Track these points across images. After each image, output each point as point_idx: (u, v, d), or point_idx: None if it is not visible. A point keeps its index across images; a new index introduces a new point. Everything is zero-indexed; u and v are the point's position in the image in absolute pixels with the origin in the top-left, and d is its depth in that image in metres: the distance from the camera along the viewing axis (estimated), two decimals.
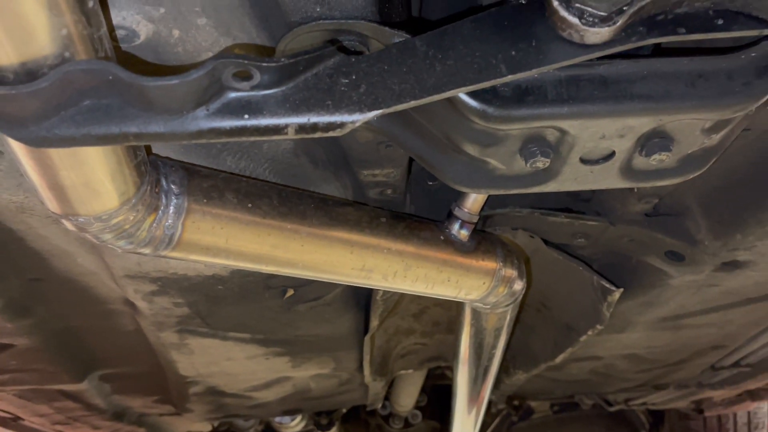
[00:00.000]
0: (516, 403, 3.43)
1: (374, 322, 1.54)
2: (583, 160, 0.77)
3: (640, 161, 0.80)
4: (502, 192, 0.84)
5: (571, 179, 0.81)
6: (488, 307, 1.33)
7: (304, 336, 1.68)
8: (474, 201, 1.16)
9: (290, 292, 1.32)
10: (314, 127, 0.64)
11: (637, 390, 2.84)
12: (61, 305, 1.38)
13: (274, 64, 0.63)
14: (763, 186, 1.11)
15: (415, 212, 1.29)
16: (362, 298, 1.55)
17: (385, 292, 1.47)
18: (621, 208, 1.30)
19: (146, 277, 1.15)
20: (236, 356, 1.79)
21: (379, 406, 3.40)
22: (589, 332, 1.70)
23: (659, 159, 0.77)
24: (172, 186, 0.83)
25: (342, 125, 0.64)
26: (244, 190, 0.90)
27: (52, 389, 1.93)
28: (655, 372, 2.42)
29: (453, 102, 0.71)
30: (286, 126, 0.64)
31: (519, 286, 1.28)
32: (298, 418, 3.33)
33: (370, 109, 0.63)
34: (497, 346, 1.63)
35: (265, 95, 0.64)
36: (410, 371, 3.13)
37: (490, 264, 1.20)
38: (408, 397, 3.48)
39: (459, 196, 1.17)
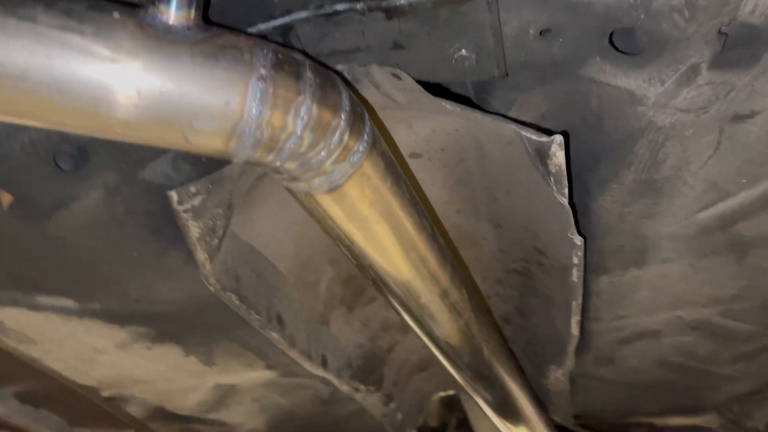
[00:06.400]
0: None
1: (200, 256, 0.99)
2: None
3: None
4: None
5: None
6: (305, 178, 0.75)
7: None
8: None
9: None
10: None
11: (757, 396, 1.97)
12: None
13: None
14: None
15: None
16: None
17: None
18: None
19: None
20: None
21: None
22: (574, 259, 1.04)
23: None
24: None
25: None
26: None
27: None
28: (760, 354, 1.59)
29: None
30: None
31: (331, 120, 0.70)
32: None
33: None
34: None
35: None
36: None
37: (234, 65, 0.64)
38: None
39: None
